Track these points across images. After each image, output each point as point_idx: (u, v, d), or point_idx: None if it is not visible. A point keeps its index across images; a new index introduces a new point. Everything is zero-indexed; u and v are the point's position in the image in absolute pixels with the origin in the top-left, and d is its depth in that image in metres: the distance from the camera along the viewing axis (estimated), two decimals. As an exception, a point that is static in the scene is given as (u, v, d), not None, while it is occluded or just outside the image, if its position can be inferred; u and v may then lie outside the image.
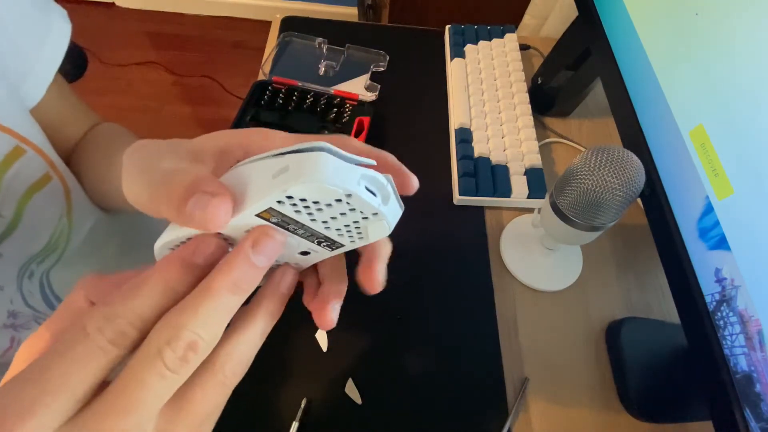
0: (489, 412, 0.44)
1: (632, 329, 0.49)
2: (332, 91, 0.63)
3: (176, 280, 0.17)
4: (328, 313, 0.22)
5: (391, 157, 0.21)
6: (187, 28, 1.91)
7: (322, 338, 0.46)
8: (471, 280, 0.52)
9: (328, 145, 0.17)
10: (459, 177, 0.57)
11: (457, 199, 0.56)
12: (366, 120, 0.60)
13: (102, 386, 0.16)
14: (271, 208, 0.17)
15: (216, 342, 0.17)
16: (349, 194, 0.17)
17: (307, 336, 0.47)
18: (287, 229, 0.18)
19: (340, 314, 0.23)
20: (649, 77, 0.43)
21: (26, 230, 0.36)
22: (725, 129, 0.34)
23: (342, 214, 0.18)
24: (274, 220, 0.18)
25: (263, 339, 0.19)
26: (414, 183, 0.21)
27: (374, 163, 0.18)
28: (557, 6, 0.81)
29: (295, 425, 0.41)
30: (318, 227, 0.18)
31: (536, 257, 0.53)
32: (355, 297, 0.23)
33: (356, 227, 0.19)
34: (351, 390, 0.44)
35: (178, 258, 0.17)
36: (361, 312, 0.48)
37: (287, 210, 0.17)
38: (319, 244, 0.20)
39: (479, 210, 0.57)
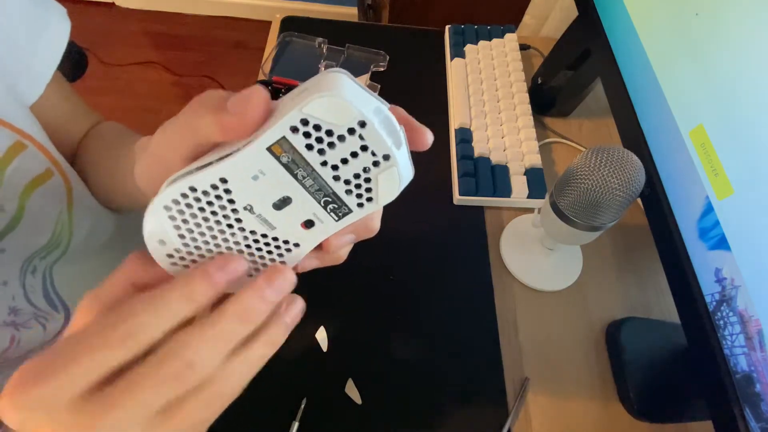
0: (489, 412, 0.44)
1: (632, 329, 0.49)
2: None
3: (200, 293, 0.18)
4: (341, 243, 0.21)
5: (400, 110, 0.20)
6: (187, 28, 1.91)
7: (322, 338, 0.46)
8: (471, 280, 0.52)
9: (346, 71, 0.17)
10: (459, 177, 0.57)
11: (457, 199, 0.56)
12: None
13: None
14: (284, 139, 0.17)
15: (215, 365, 0.18)
16: (363, 122, 0.16)
17: (307, 336, 0.47)
18: (295, 176, 0.18)
19: (341, 313, 0.23)
20: (649, 77, 0.43)
21: (29, 225, 0.36)
22: (725, 129, 0.34)
23: (353, 154, 0.17)
24: (285, 159, 0.17)
25: (262, 364, 0.20)
26: (428, 138, 0.20)
27: (388, 105, 0.18)
28: (557, 6, 0.81)
29: (295, 425, 0.41)
30: (327, 175, 0.18)
31: (536, 257, 0.53)
32: (355, 297, 0.23)
33: (366, 179, 0.18)
34: (351, 390, 0.44)
35: (202, 273, 0.18)
36: (361, 312, 0.48)
37: (299, 143, 0.17)
38: (325, 206, 0.19)
39: (479, 210, 0.57)
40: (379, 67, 0.67)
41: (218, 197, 0.19)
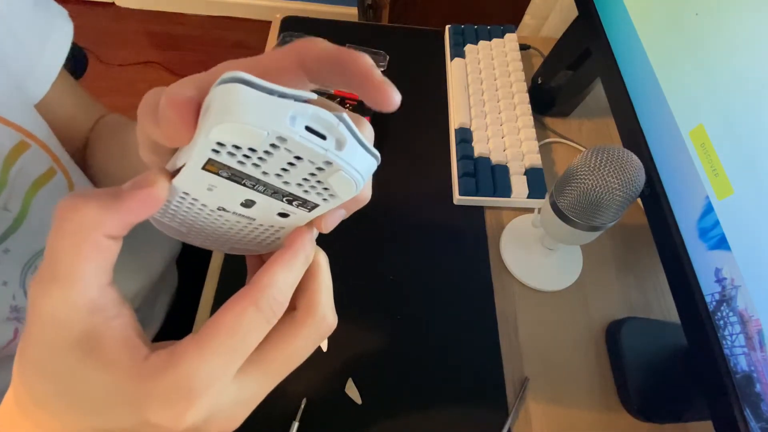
0: (489, 412, 0.44)
1: (632, 329, 0.49)
2: (332, 91, 0.63)
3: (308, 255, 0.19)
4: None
5: (361, 62, 0.16)
6: (187, 28, 1.91)
7: (322, 338, 0.46)
8: (471, 280, 0.52)
9: (243, 74, 0.13)
10: (459, 177, 0.57)
11: (457, 199, 0.56)
12: (366, 120, 0.60)
13: None
14: (211, 161, 0.15)
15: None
16: (281, 137, 0.14)
17: (307, 336, 0.46)
18: (244, 185, 0.16)
19: (340, 313, 0.22)
20: (649, 77, 0.43)
21: (32, 226, 0.37)
22: (725, 129, 0.34)
23: (290, 164, 0.15)
24: (224, 174, 0.15)
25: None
26: (393, 99, 0.17)
27: (314, 96, 0.15)
28: (557, 6, 0.81)
29: (295, 425, 0.41)
30: (275, 181, 0.16)
31: (536, 257, 0.53)
32: (355, 297, 0.23)
33: (317, 181, 0.16)
34: (351, 390, 0.44)
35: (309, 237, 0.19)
36: (361, 312, 0.48)
37: (229, 161, 0.15)
38: (289, 203, 0.17)
39: (479, 210, 0.57)
40: (379, 67, 0.67)
41: (192, 203, 0.18)
